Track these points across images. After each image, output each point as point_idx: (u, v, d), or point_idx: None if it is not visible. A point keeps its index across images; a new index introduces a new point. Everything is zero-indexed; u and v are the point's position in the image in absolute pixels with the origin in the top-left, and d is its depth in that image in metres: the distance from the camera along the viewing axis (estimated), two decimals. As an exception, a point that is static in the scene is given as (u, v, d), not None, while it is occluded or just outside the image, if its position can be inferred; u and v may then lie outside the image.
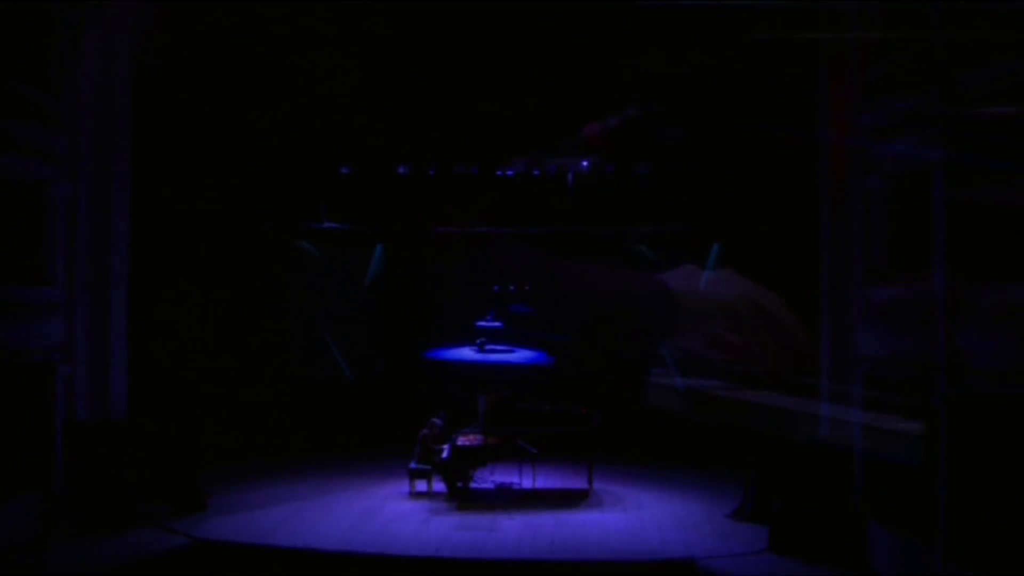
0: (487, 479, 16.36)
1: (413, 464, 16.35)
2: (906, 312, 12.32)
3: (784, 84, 16.24)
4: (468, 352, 21.11)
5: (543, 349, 19.92)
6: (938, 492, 11.06)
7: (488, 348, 20.83)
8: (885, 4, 13.13)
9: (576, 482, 16.88)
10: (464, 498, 15.88)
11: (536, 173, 20.34)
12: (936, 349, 11.32)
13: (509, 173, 20.40)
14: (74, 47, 14.56)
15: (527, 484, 16.18)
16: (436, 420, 16.78)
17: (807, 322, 15.30)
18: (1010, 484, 10.25)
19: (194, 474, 15.31)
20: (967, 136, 11.15)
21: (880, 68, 12.97)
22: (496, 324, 20.88)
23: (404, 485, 16.47)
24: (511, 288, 21.13)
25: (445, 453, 16.10)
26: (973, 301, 10.91)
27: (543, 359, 20.93)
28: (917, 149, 12.08)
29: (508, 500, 15.75)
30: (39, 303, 14.00)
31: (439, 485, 16.30)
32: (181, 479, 15.08)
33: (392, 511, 15.28)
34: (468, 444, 16.10)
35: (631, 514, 15.22)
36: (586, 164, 20.13)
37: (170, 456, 15.21)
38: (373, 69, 18.97)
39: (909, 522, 11.94)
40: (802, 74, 15.24)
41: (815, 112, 14.65)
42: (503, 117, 19.44)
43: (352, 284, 21.25)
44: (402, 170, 20.59)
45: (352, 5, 17.66)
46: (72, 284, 14.60)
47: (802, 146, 14.91)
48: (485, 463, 16.24)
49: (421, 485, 16.35)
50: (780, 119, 16.02)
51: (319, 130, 19.59)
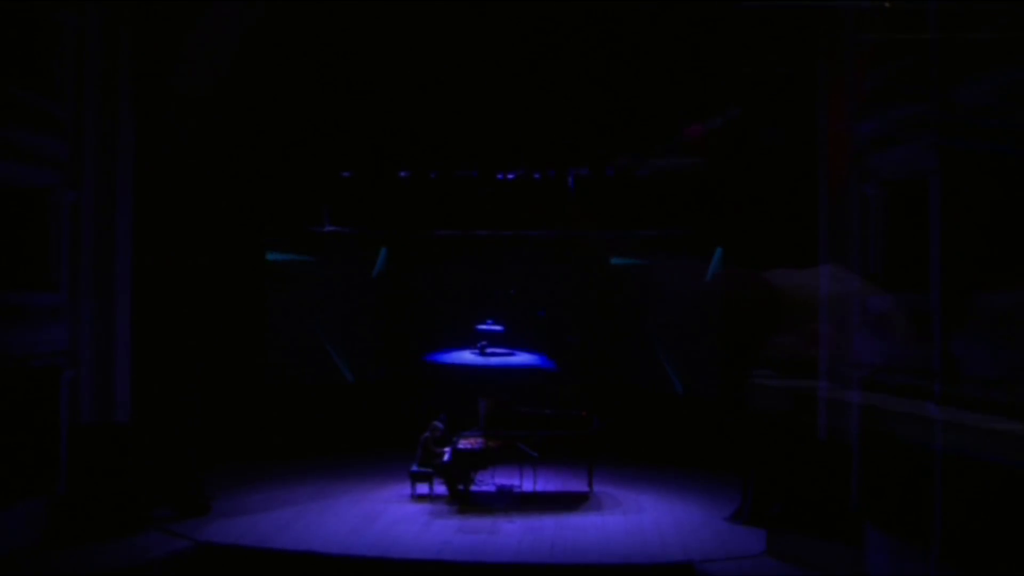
0: (488, 482, 16.48)
1: (414, 467, 16.45)
2: (902, 319, 12.39)
3: (783, 89, 16.34)
4: (469, 355, 21.23)
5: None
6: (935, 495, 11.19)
7: (489, 351, 20.95)
8: (884, 12, 13.19)
9: (576, 485, 16.99)
10: (465, 501, 15.98)
11: (537, 177, 20.37)
12: (932, 356, 11.41)
13: (510, 177, 20.44)
14: (77, 53, 14.61)
15: (528, 487, 16.30)
16: (437, 423, 16.87)
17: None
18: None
19: (197, 477, 15.42)
20: (964, 145, 11.23)
21: (878, 77, 13.03)
22: (497, 328, 20.99)
23: (405, 488, 16.58)
24: (512, 291, 21.21)
25: (446, 456, 16.20)
26: (969, 309, 10.98)
27: (544, 363, 21.04)
28: (914, 157, 12.15)
29: (509, 503, 15.88)
30: (43, 308, 14.07)
31: (440, 488, 16.40)
32: (184, 482, 15.18)
33: (393, 514, 15.39)
34: (469, 447, 16.19)
35: (631, 517, 15.33)
36: (586, 172, 20.20)
37: (173, 460, 15.33)
38: (375, 71, 19.04)
39: (905, 525, 12.06)
40: (801, 80, 15.32)
41: (814, 119, 14.72)
42: (504, 118, 19.50)
43: (354, 287, 21.30)
44: (403, 174, 20.66)
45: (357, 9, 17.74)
46: (76, 289, 14.67)
47: (801, 152, 14.98)
48: (486, 466, 16.34)
49: (422, 488, 16.45)
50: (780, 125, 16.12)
51: (320, 134, 19.67)
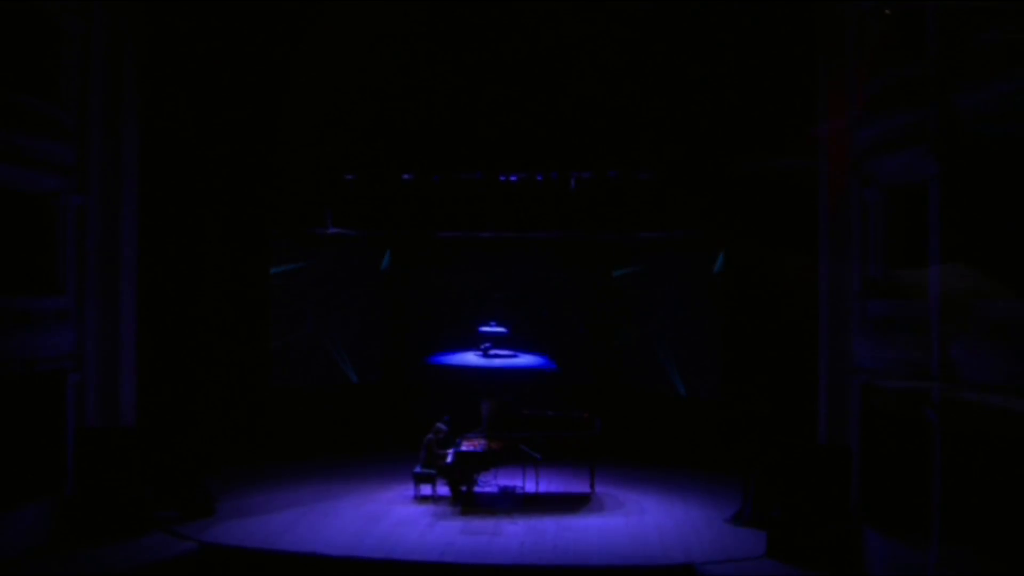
0: (491, 483, 16.59)
1: (418, 468, 16.54)
2: (902, 324, 12.46)
3: (784, 94, 16.44)
4: (472, 357, 21.30)
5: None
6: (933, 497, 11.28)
7: (492, 353, 21.03)
8: (885, 19, 13.26)
9: (578, 486, 17.07)
10: (468, 502, 16.07)
11: (539, 178, 20.42)
12: (931, 361, 11.49)
13: (512, 179, 20.50)
14: (82, 59, 14.70)
15: (530, 488, 16.40)
16: (441, 425, 16.94)
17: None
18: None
19: (202, 479, 15.52)
20: (963, 151, 11.30)
21: (878, 83, 13.10)
22: (501, 330, 21.06)
23: (409, 489, 16.68)
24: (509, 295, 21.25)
25: (449, 458, 16.28)
26: (968, 314, 11.06)
27: (547, 364, 21.11)
28: (914, 163, 12.22)
29: (511, 504, 15.97)
30: (50, 312, 14.19)
31: (443, 489, 16.49)
32: (190, 484, 15.27)
33: (397, 515, 15.48)
34: (472, 449, 16.27)
35: (632, 519, 15.41)
36: (588, 174, 20.24)
37: (179, 461, 15.43)
38: (378, 74, 19.13)
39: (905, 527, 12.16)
40: (801, 86, 15.41)
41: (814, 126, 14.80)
42: (504, 121, 19.59)
43: (357, 289, 21.37)
44: (406, 176, 20.73)
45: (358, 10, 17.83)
46: (82, 293, 14.78)
47: (802, 158, 15.07)
48: (489, 468, 16.43)
49: (426, 489, 16.55)
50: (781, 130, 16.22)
51: (323, 137, 19.76)
